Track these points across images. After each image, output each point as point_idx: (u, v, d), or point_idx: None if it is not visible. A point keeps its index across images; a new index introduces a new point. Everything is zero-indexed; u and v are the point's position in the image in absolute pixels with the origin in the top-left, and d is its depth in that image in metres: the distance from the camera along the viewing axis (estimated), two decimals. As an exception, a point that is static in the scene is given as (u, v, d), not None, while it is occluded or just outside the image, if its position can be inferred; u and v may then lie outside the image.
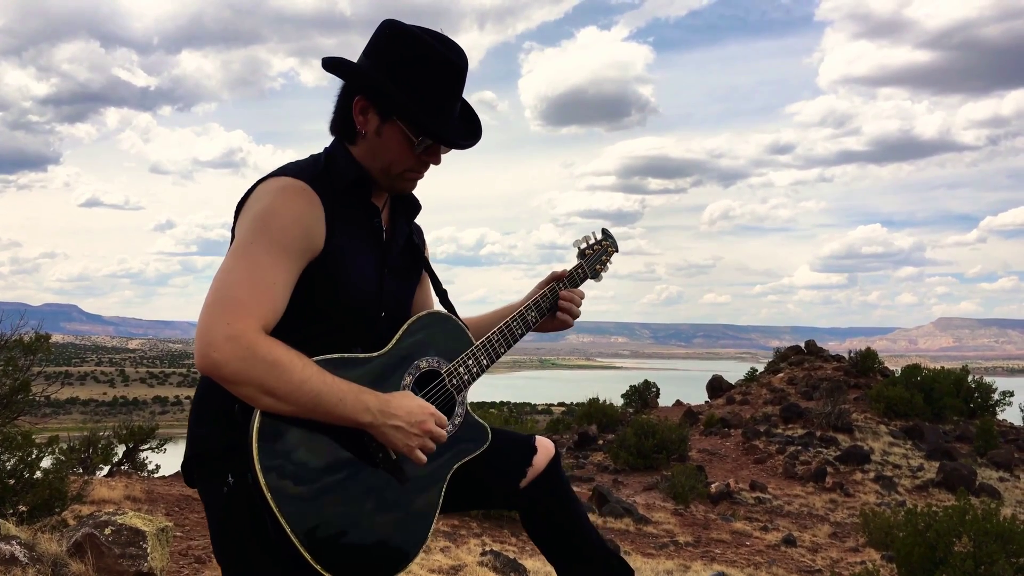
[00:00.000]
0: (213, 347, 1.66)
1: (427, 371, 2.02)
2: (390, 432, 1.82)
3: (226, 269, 1.77)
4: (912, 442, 22.53)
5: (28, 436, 6.52)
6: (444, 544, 9.08)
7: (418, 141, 1.92)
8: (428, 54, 1.90)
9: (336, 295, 1.90)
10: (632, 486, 18.27)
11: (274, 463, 1.71)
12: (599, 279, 2.52)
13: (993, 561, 6.85)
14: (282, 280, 1.78)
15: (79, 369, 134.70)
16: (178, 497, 9.48)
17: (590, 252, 2.49)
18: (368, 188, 2.00)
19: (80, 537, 5.02)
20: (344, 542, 1.78)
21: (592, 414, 25.82)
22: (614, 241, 2.58)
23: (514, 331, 2.23)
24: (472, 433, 2.08)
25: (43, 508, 6.28)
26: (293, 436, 1.76)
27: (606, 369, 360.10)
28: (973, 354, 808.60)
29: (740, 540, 13.33)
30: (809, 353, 31.23)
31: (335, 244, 1.88)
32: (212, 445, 1.85)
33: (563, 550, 2.21)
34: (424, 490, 1.95)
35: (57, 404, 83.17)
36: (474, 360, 2.10)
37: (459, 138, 1.98)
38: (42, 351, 8.16)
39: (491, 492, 2.19)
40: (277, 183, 1.86)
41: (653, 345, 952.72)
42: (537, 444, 2.21)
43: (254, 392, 1.69)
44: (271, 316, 1.76)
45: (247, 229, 1.81)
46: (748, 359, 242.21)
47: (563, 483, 2.23)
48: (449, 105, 1.95)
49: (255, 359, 1.67)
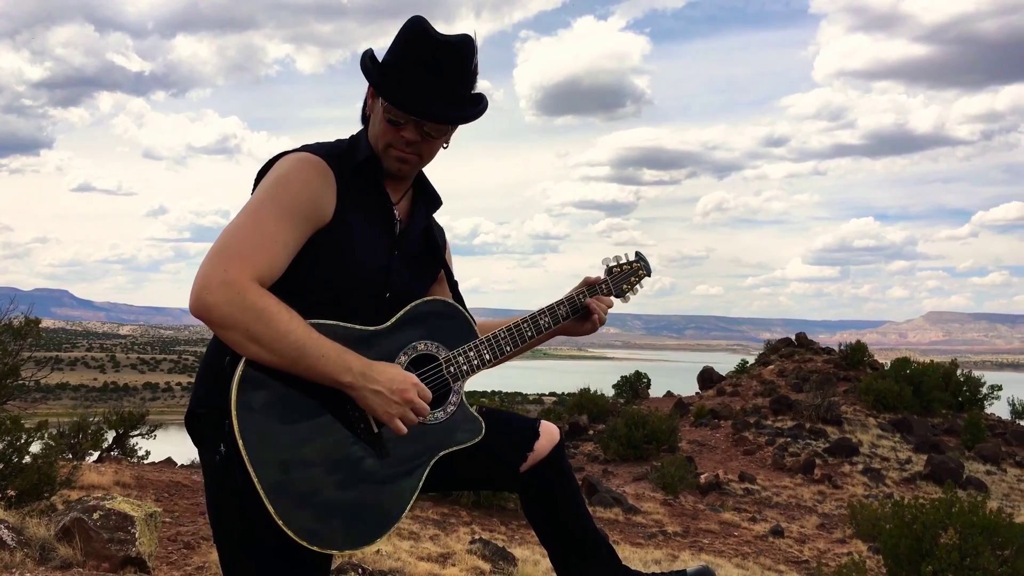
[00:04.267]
0: (207, 290, 1.74)
1: (424, 354, 2.02)
2: (370, 396, 1.83)
3: (234, 224, 1.86)
4: (900, 435, 22.66)
5: (17, 421, 6.50)
6: (434, 532, 9.10)
7: (385, 108, 1.97)
8: (415, 31, 1.95)
9: (341, 266, 1.94)
10: (622, 476, 18.33)
11: (250, 412, 1.75)
12: (625, 299, 2.50)
13: (978, 553, 6.90)
14: (283, 239, 1.85)
15: (69, 354, 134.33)
16: (167, 483, 9.47)
17: (617, 271, 2.48)
18: (379, 168, 2.05)
19: (68, 522, 5.01)
20: (310, 504, 1.78)
21: (583, 404, 25.89)
22: (647, 264, 2.54)
23: (523, 332, 2.22)
24: (464, 425, 2.06)
25: (32, 493, 6.27)
26: (274, 391, 1.78)
27: (597, 360, 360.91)
28: (963, 348, 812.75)
29: (728, 531, 13.40)
30: (799, 346, 31.33)
31: (344, 217, 1.95)
32: (208, 403, 1.89)
33: (559, 537, 2.22)
34: (403, 470, 1.94)
35: (47, 389, 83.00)
36: (475, 352, 2.08)
37: (420, 107, 1.93)
38: (32, 336, 8.13)
39: (491, 474, 2.19)
40: (295, 155, 1.98)
41: (645, 336, 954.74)
42: (541, 429, 2.20)
43: (240, 338, 1.75)
44: (268, 271, 1.82)
45: (260, 191, 1.92)
46: (739, 351, 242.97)
47: (565, 471, 2.22)
48: (427, 79, 1.95)
49: (244, 304, 1.74)
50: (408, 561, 6.51)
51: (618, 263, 2.49)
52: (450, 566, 6.80)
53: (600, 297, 2.40)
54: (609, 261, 2.49)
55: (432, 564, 6.70)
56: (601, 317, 2.37)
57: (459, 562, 7.02)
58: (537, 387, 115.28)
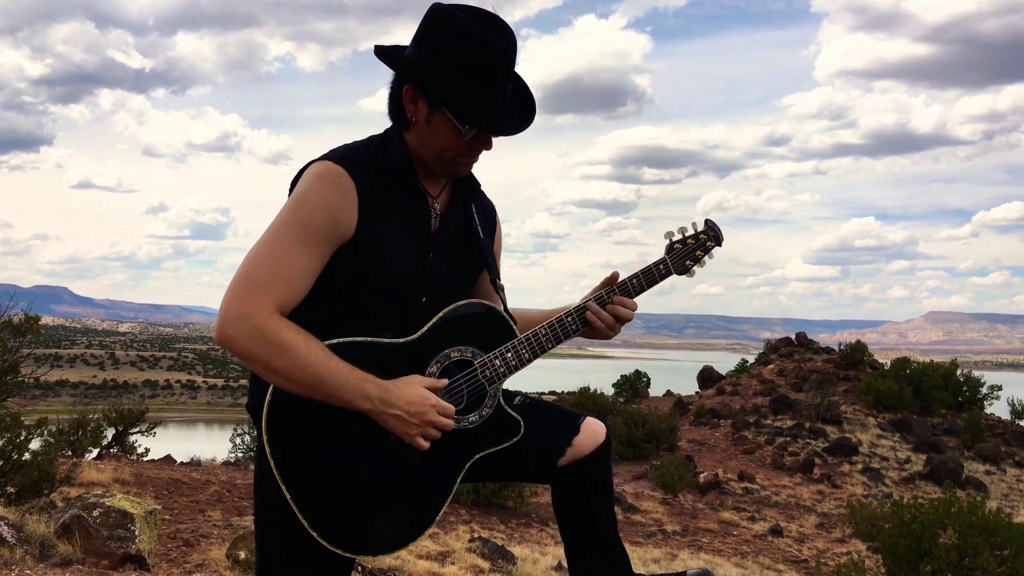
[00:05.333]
0: (228, 323, 1.80)
1: (458, 360, 2.00)
2: (390, 420, 1.87)
3: (256, 248, 1.88)
4: (900, 435, 22.67)
5: (17, 418, 6.51)
6: (433, 530, 9.10)
7: (465, 130, 1.92)
8: (471, 39, 1.89)
9: (369, 279, 1.93)
10: (621, 475, 18.33)
11: (282, 431, 1.85)
12: (691, 274, 2.24)
13: (977, 553, 6.90)
14: (304, 264, 1.87)
15: (69, 351, 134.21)
16: (167, 481, 9.48)
17: (679, 247, 2.22)
18: (413, 175, 2.01)
19: (68, 519, 5.01)
20: (342, 513, 1.86)
21: (583, 403, 25.85)
22: (717, 233, 2.27)
23: (567, 326, 2.13)
24: (501, 426, 2.05)
25: (31, 489, 6.27)
26: (305, 408, 1.85)
27: (597, 359, 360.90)
28: (963, 348, 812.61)
29: (727, 530, 13.41)
30: (799, 345, 31.32)
31: (370, 228, 1.93)
32: (258, 400, 1.94)
33: (583, 536, 2.22)
34: (436, 476, 1.97)
35: (46, 386, 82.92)
36: (513, 353, 2.05)
37: (505, 126, 1.96)
38: (32, 333, 8.13)
39: (527, 466, 2.18)
40: (317, 168, 1.94)
41: (645, 335, 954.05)
42: (583, 426, 2.19)
43: (261, 369, 1.83)
44: (288, 298, 1.85)
45: (282, 212, 1.92)
46: (739, 350, 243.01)
47: (605, 473, 2.21)
48: (494, 90, 1.94)
49: (263, 339, 1.79)
50: (407, 559, 6.52)
51: (683, 237, 2.23)
52: (449, 564, 6.81)
53: (622, 300, 2.15)
54: (673, 235, 2.23)
55: (431, 562, 6.70)
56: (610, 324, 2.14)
57: (458, 560, 7.03)
58: (537, 385, 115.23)
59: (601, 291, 2.17)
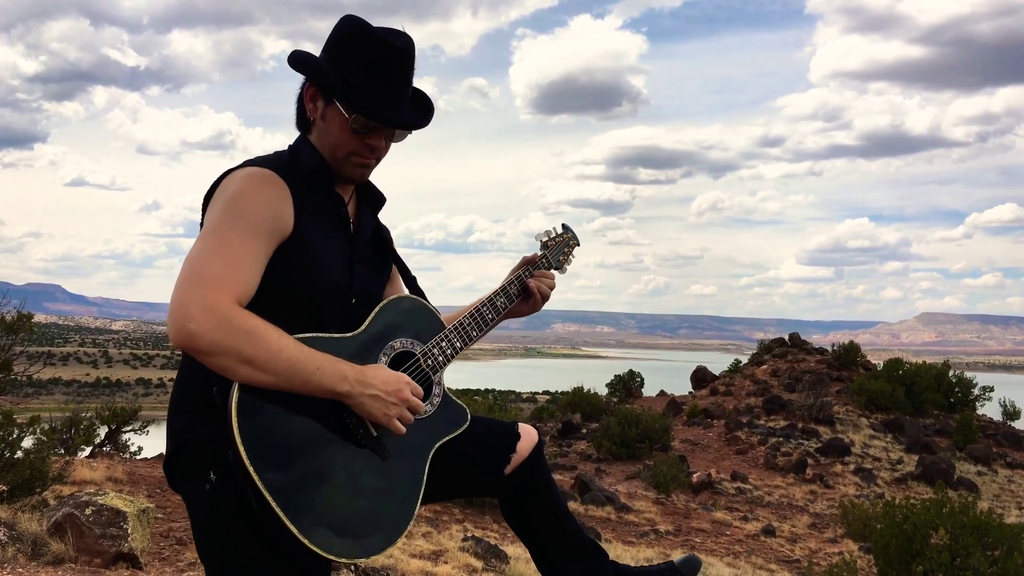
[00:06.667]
0: (189, 318, 1.68)
1: (401, 351, 2.04)
2: (367, 401, 1.84)
3: (197, 249, 1.80)
4: (892, 435, 22.74)
5: (9, 416, 6.49)
6: (426, 530, 9.11)
7: (352, 119, 1.94)
8: (367, 36, 1.94)
9: (307, 279, 1.92)
10: (615, 475, 18.36)
11: (255, 438, 1.72)
12: (563, 271, 2.58)
13: (969, 554, 6.93)
14: (252, 258, 1.81)
15: (62, 349, 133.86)
16: (160, 479, 9.45)
17: (552, 244, 2.55)
18: (329, 175, 2.03)
19: (61, 517, 5.01)
20: (330, 517, 1.80)
21: (576, 403, 25.90)
22: (575, 235, 2.65)
23: (484, 315, 2.27)
24: (451, 414, 2.10)
25: (24, 488, 6.26)
26: (273, 413, 1.77)
27: (591, 359, 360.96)
28: (955, 349, 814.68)
29: (720, 529, 13.44)
30: (793, 346, 31.42)
31: (303, 229, 1.92)
32: (192, 436, 1.86)
33: (542, 537, 2.24)
34: (408, 466, 1.98)
35: (39, 384, 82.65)
36: (447, 342, 2.13)
37: (392, 115, 1.97)
38: (24, 331, 8.10)
39: (475, 479, 2.22)
40: (244, 171, 1.92)
41: (638, 335, 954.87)
42: (521, 431, 2.24)
43: (232, 362, 1.70)
44: (244, 291, 1.78)
45: (217, 213, 1.85)
46: (733, 351, 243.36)
47: (545, 471, 2.26)
48: (387, 85, 1.96)
49: (232, 328, 1.69)
50: (401, 558, 6.52)
51: (550, 237, 2.56)
52: (443, 563, 6.81)
53: (543, 272, 2.45)
54: (541, 236, 2.56)
55: (425, 561, 6.70)
56: (544, 293, 2.39)
57: (452, 559, 7.03)
58: (530, 386, 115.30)
59: (526, 268, 2.44)
